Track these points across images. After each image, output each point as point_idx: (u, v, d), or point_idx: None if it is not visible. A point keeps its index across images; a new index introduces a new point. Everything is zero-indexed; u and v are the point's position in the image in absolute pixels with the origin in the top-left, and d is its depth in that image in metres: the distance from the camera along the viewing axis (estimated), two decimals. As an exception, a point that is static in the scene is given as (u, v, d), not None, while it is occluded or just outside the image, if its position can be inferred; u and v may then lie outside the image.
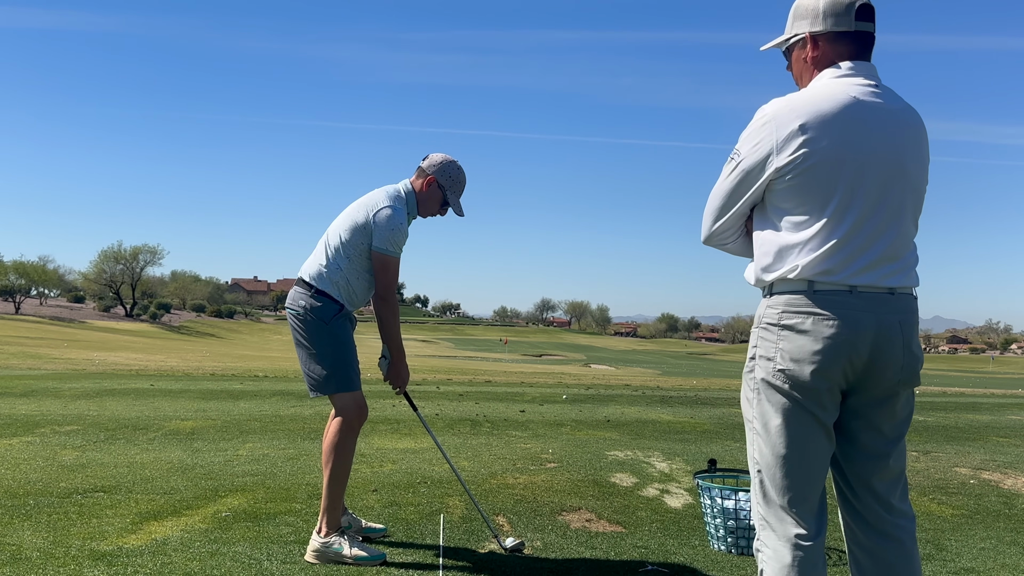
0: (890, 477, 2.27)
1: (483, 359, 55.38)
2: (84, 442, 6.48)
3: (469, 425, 8.37)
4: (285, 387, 12.60)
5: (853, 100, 2.16)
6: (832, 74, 2.24)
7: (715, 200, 2.31)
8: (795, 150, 2.13)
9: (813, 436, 2.19)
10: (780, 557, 2.17)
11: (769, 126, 2.17)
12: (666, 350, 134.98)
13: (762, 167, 2.18)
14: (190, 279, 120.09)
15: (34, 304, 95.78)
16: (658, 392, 15.43)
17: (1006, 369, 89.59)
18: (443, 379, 17.51)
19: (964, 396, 18.04)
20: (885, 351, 2.15)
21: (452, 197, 3.85)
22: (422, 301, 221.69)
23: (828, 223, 2.13)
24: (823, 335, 2.12)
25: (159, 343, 50.88)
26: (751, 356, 2.27)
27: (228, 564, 3.39)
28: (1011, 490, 5.72)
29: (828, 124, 2.13)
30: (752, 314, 2.36)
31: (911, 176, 2.21)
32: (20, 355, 23.39)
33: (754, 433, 2.26)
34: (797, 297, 2.16)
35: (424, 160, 3.87)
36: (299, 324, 3.71)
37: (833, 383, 2.15)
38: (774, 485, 2.22)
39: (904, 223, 2.20)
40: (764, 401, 2.22)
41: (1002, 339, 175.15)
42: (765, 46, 2.45)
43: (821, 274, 2.13)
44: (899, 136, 2.19)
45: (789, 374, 2.16)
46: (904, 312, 2.19)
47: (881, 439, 2.25)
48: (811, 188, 2.14)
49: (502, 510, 4.58)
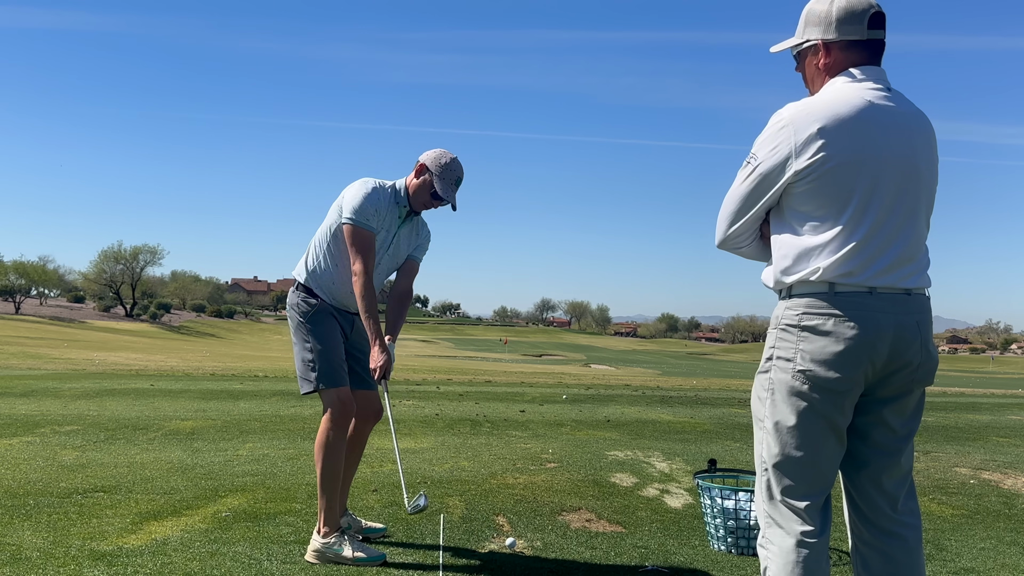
0: (899, 475, 2.28)
1: (483, 359, 55.36)
2: (84, 442, 6.48)
3: (469, 425, 8.37)
4: (285, 387, 12.61)
5: (868, 104, 2.19)
6: (845, 79, 2.26)
7: (731, 204, 2.31)
8: (814, 153, 2.15)
9: (826, 438, 2.21)
10: (785, 554, 2.19)
11: (787, 130, 2.19)
12: (666, 350, 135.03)
13: (781, 170, 2.19)
14: (190, 279, 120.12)
15: (34, 304, 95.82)
16: (658, 392, 15.43)
17: (1006, 369, 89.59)
18: (443, 379, 17.52)
19: (964, 396, 18.05)
20: (904, 351, 2.18)
21: (441, 185, 3.67)
22: (422, 301, 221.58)
23: (848, 225, 2.15)
24: (844, 336, 2.14)
25: (159, 343, 50.88)
26: (767, 357, 2.28)
27: (228, 564, 3.39)
28: (1011, 490, 5.72)
29: (845, 128, 2.15)
30: (752, 314, 2.38)
31: (924, 178, 2.25)
32: (20, 355, 23.40)
33: (764, 432, 2.27)
34: (817, 299, 2.18)
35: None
36: (288, 321, 3.80)
37: (854, 384, 2.17)
38: (781, 484, 2.23)
39: (918, 225, 2.23)
40: (779, 401, 2.22)
41: (1002, 339, 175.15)
42: (775, 48, 2.45)
43: (843, 276, 2.15)
44: (912, 139, 2.22)
45: (810, 375, 2.17)
46: (921, 312, 2.22)
47: (893, 436, 2.27)
48: (830, 191, 2.16)
49: (502, 510, 4.58)
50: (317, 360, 3.62)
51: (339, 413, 3.62)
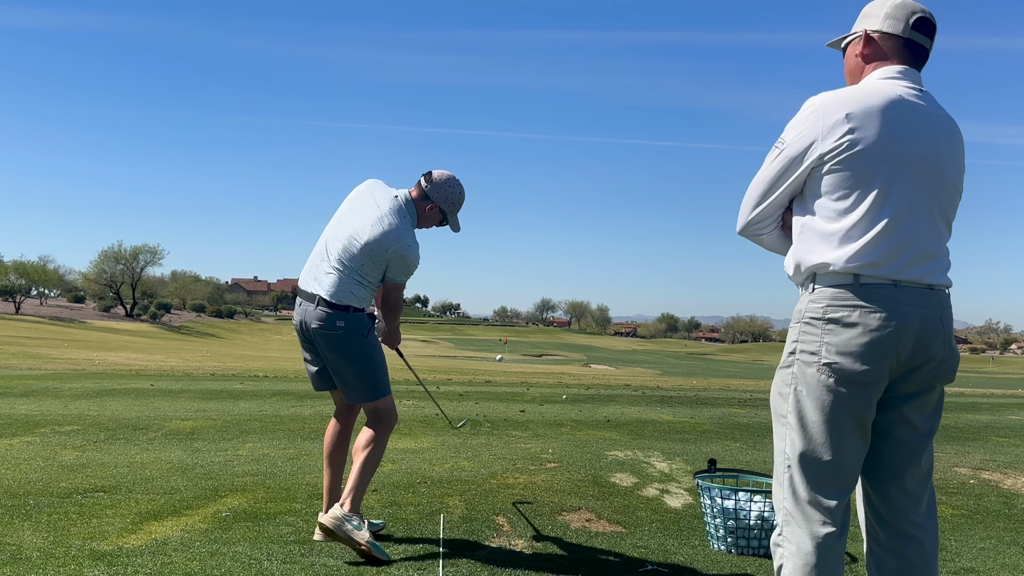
0: (921, 475, 2.27)
1: (483, 359, 55.40)
2: (84, 442, 6.48)
3: (469, 425, 8.37)
4: (285, 387, 12.61)
5: (899, 98, 2.21)
6: (881, 75, 2.30)
7: (757, 187, 2.33)
8: (840, 137, 2.17)
9: (851, 433, 2.19)
10: (803, 554, 2.16)
11: (816, 114, 2.21)
12: (666, 350, 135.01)
13: (806, 153, 2.22)
14: (190, 279, 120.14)
15: (34, 304, 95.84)
16: (658, 392, 15.43)
17: (1006, 369, 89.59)
18: (443, 379, 17.52)
19: (964, 396, 18.05)
20: (928, 345, 2.18)
21: (452, 219, 3.93)
22: (422, 301, 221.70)
23: (869, 212, 2.16)
24: (871, 327, 2.13)
25: (159, 343, 50.89)
26: (790, 351, 2.26)
27: (228, 564, 3.40)
28: (1011, 490, 5.73)
29: (873, 117, 2.17)
30: (752, 314, 2.38)
31: (949, 181, 2.26)
32: (20, 355, 23.40)
33: (787, 428, 2.25)
34: (842, 290, 2.17)
35: (425, 178, 3.85)
36: (338, 343, 3.70)
37: (880, 377, 2.16)
38: (806, 481, 2.20)
39: (940, 224, 2.25)
40: (804, 396, 2.21)
41: (1002, 339, 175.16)
42: (830, 42, 2.51)
43: (867, 266, 2.15)
44: (940, 140, 2.24)
45: (836, 368, 2.16)
46: (943, 307, 2.23)
47: (915, 434, 2.26)
48: (853, 176, 2.17)
49: (502, 510, 4.58)
50: (385, 371, 3.85)
51: (395, 417, 3.91)
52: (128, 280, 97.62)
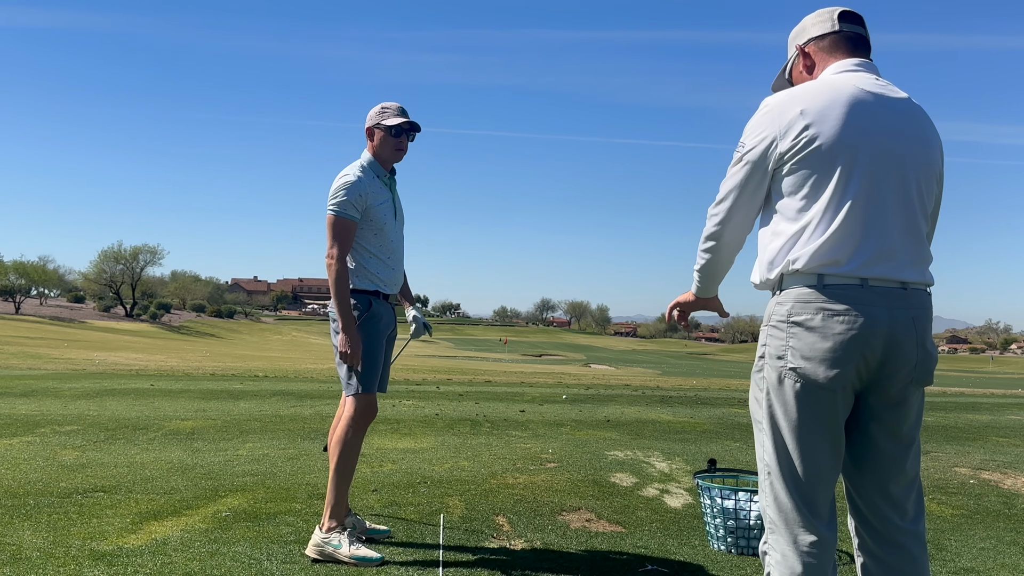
0: (906, 481, 2.20)
1: (483, 359, 55.37)
2: (84, 442, 6.48)
3: (469, 425, 8.37)
4: (285, 387, 12.61)
5: (856, 89, 2.16)
6: (833, 70, 2.27)
7: (721, 193, 2.28)
8: (798, 134, 2.12)
9: (823, 439, 2.12)
10: (789, 563, 2.11)
11: (772, 114, 2.18)
12: (666, 350, 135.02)
13: (766, 154, 2.17)
14: (190, 279, 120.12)
15: (34, 304, 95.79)
16: (658, 392, 15.43)
17: (1006, 369, 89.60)
18: (443, 379, 17.52)
19: (964, 396, 18.05)
20: (899, 349, 2.09)
21: (392, 121, 3.80)
22: (422, 301, 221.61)
23: (828, 208, 2.10)
24: (834, 331, 2.06)
25: (159, 343, 50.88)
26: (760, 355, 2.21)
27: (228, 564, 3.39)
28: (1011, 490, 5.72)
29: (830, 110, 2.12)
30: (751, 314, 2.36)
31: (918, 167, 2.17)
32: (20, 355, 23.39)
33: (763, 434, 2.20)
34: (807, 292, 2.10)
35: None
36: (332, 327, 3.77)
37: (847, 382, 2.09)
38: (784, 488, 2.14)
39: (912, 215, 2.15)
40: (774, 401, 2.15)
41: (1002, 339, 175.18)
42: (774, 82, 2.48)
43: (828, 264, 2.08)
44: (903, 127, 2.17)
45: (801, 372, 2.09)
46: (917, 308, 2.13)
47: (896, 442, 2.18)
48: (812, 173, 2.12)
49: (502, 510, 4.58)
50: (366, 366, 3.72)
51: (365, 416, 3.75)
52: (128, 280, 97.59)
